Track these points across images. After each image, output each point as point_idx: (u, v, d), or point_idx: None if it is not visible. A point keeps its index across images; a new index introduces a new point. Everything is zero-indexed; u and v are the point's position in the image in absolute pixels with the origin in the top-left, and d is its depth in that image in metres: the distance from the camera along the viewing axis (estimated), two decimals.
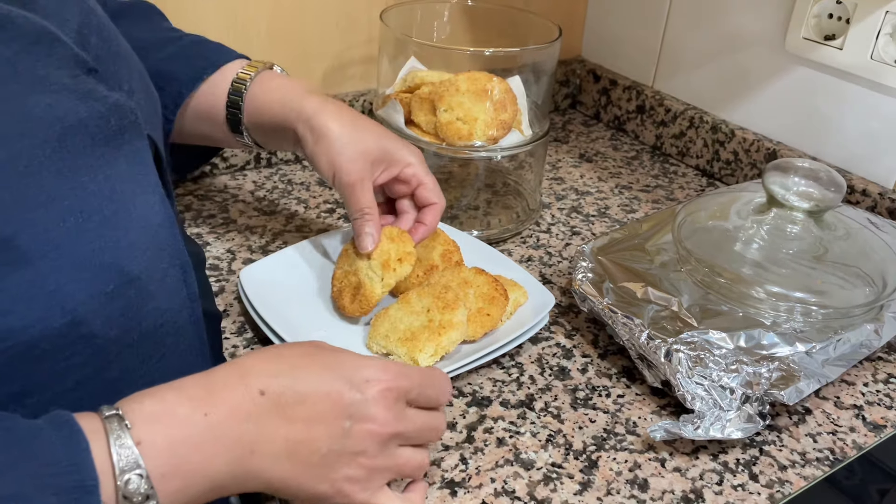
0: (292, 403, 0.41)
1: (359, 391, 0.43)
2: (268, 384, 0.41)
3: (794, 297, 0.63)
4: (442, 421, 0.49)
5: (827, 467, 0.57)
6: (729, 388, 0.57)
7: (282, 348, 0.45)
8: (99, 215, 0.39)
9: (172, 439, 0.38)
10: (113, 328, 0.40)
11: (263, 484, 0.42)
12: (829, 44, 0.84)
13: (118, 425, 0.37)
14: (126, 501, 0.35)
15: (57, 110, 0.38)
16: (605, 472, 0.55)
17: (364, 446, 0.44)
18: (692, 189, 0.97)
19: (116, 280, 0.40)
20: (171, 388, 0.40)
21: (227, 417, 0.40)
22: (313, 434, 0.42)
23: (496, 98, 0.77)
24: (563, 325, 0.70)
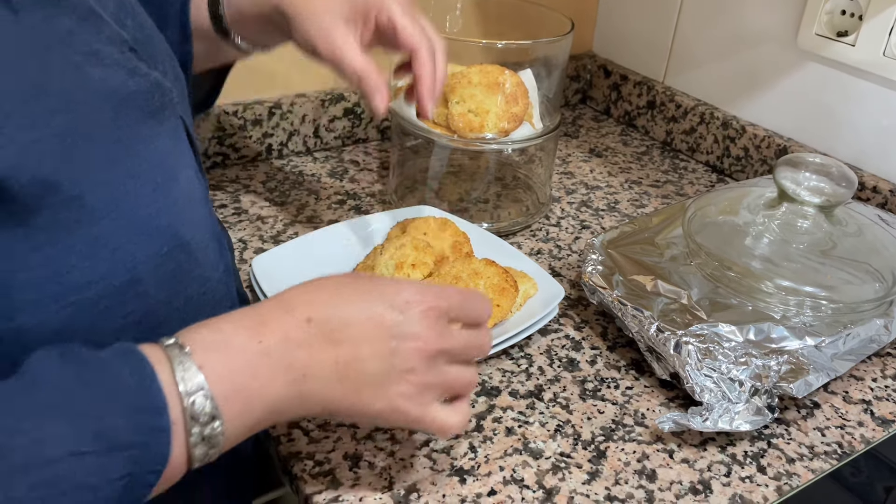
0: (338, 328, 0.43)
1: (400, 312, 0.44)
2: (313, 312, 0.43)
3: (804, 292, 0.63)
4: (486, 338, 0.49)
5: (835, 461, 0.58)
6: (738, 380, 0.57)
7: (320, 281, 0.46)
8: (152, 182, 0.41)
9: (231, 365, 0.39)
10: (164, 290, 0.42)
11: (319, 407, 0.44)
12: (841, 40, 0.84)
13: (179, 352, 0.38)
14: (193, 422, 0.37)
15: (111, 82, 0.39)
16: (613, 463, 0.56)
17: (412, 364, 0.45)
18: (702, 185, 0.97)
19: (170, 243, 0.42)
20: (225, 319, 0.42)
21: (279, 345, 0.41)
22: (361, 355, 0.43)
23: (508, 91, 0.77)
24: (573, 318, 0.71)
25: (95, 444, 0.34)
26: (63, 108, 0.36)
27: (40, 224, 0.36)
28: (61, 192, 0.36)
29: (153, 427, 0.36)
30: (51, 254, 0.36)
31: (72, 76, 0.37)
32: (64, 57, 0.37)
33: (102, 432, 0.34)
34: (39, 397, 0.34)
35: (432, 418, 0.46)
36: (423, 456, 0.55)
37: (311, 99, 0.93)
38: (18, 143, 0.34)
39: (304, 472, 0.53)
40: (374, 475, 0.53)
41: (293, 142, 0.94)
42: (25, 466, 0.32)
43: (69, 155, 0.36)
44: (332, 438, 0.56)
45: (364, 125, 0.98)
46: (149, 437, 0.36)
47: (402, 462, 0.54)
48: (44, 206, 0.35)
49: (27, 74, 0.35)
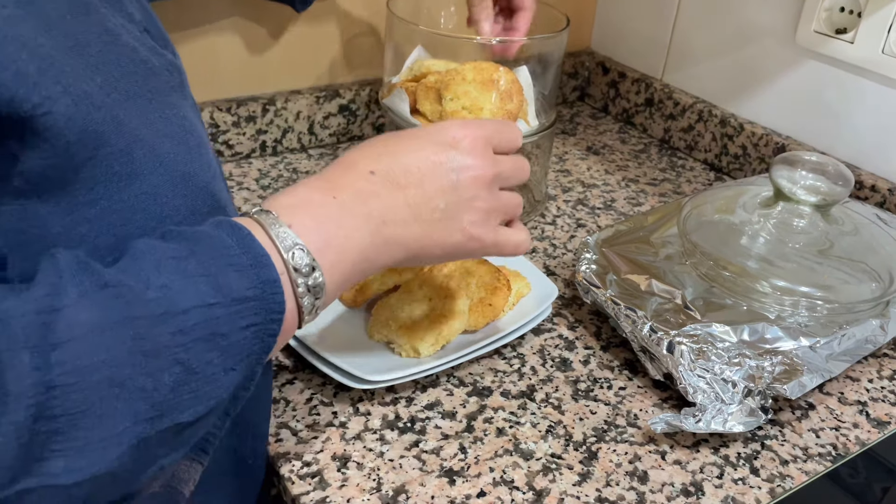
0: (401, 174, 0.46)
1: (451, 147, 0.48)
2: (374, 165, 0.46)
3: (800, 292, 0.62)
4: (524, 160, 0.53)
5: (829, 463, 0.57)
6: (731, 381, 0.56)
7: (369, 141, 0.49)
8: (186, 144, 0.42)
9: (316, 219, 0.42)
10: None
11: (402, 249, 0.47)
12: (840, 37, 0.83)
13: (268, 216, 0.41)
14: (297, 273, 0.40)
15: (140, 54, 0.40)
16: (604, 464, 0.55)
17: (474, 191, 0.48)
18: (700, 183, 0.96)
19: (209, 203, 0.43)
20: (296, 185, 0.45)
21: (354, 198, 0.44)
22: (428, 193, 0.47)
23: (502, 88, 0.76)
24: (566, 317, 0.70)
25: (218, 296, 0.36)
26: (103, 66, 0.37)
27: (97, 177, 0.37)
28: (111, 144, 0.37)
29: (264, 280, 0.38)
30: (107, 207, 0.38)
31: (107, 39, 0.38)
32: (99, 22, 0.38)
33: (221, 288, 0.36)
34: (157, 265, 0.36)
35: (506, 239, 0.51)
36: (413, 457, 0.54)
37: (306, 95, 0.92)
38: (73, 94, 0.35)
39: (292, 474, 0.52)
40: (363, 476, 0.52)
41: (288, 139, 0.94)
42: (164, 315, 0.34)
43: (113, 110, 0.37)
44: (321, 439, 0.55)
45: (359, 122, 0.98)
46: (263, 289, 0.38)
47: (390, 463, 0.54)
48: (97, 158, 0.36)
49: (72, 31, 0.36)
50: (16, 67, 0.32)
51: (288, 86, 0.93)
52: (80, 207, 0.37)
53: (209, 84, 0.87)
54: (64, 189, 0.36)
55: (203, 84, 0.87)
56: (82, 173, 0.36)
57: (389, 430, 0.56)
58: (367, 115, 0.98)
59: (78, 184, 0.36)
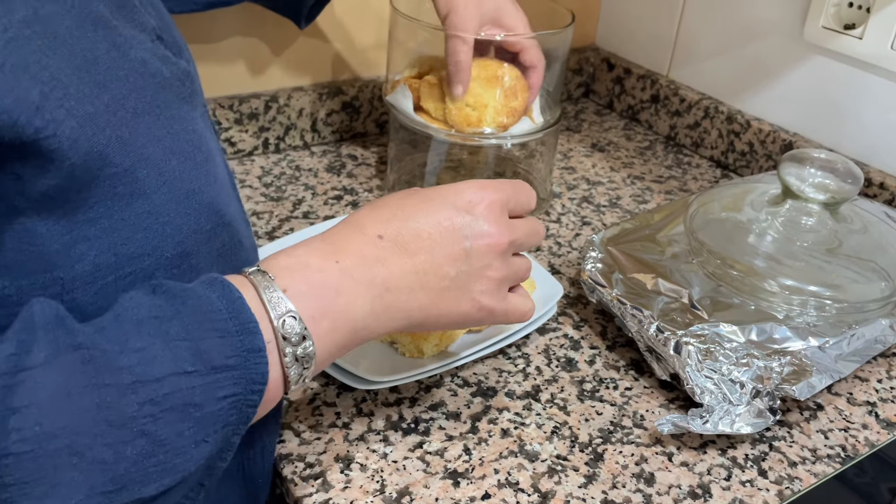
0: (411, 239, 0.44)
1: (467, 212, 0.46)
2: (383, 228, 0.44)
3: (808, 291, 0.61)
4: (540, 225, 0.52)
5: (838, 464, 0.56)
6: (739, 382, 0.56)
7: (382, 199, 0.47)
8: (193, 161, 0.41)
9: (314, 284, 0.41)
10: (213, 265, 0.43)
11: (404, 318, 0.45)
12: (848, 33, 0.82)
13: (263, 277, 0.40)
14: (286, 342, 0.39)
15: (149, 66, 0.40)
16: (610, 466, 0.54)
17: (488, 260, 0.46)
18: (706, 180, 0.95)
19: (214, 220, 0.42)
20: (298, 246, 0.43)
21: (357, 262, 0.42)
22: (438, 260, 0.45)
23: (507, 85, 0.76)
24: (572, 316, 0.69)
25: (197, 364, 0.35)
26: (109, 86, 0.37)
27: (98, 196, 0.36)
28: (115, 164, 0.36)
29: (249, 348, 0.37)
30: (107, 226, 0.37)
31: (115, 55, 0.37)
32: (107, 37, 0.37)
33: (201, 354, 0.35)
34: (137, 325, 0.35)
35: (514, 308, 0.49)
36: (416, 458, 0.54)
37: (309, 92, 0.92)
38: (77, 117, 0.34)
39: (295, 475, 0.52)
40: (366, 478, 0.52)
41: (290, 136, 0.93)
42: (134, 385, 0.33)
43: (119, 129, 0.37)
44: (324, 440, 0.55)
45: (362, 119, 0.97)
46: (246, 358, 0.36)
47: (394, 464, 0.53)
48: (100, 178, 0.36)
49: (77, 51, 0.35)
50: (17, 93, 0.31)
51: (290, 83, 0.92)
52: (79, 226, 0.36)
53: (211, 81, 0.87)
54: (64, 208, 0.35)
55: (205, 81, 0.85)
56: (84, 193, 0.36)
57: (393, 431, 0.56)
58: (371, 111, 0.97)
59: (79, 203, 0.36)
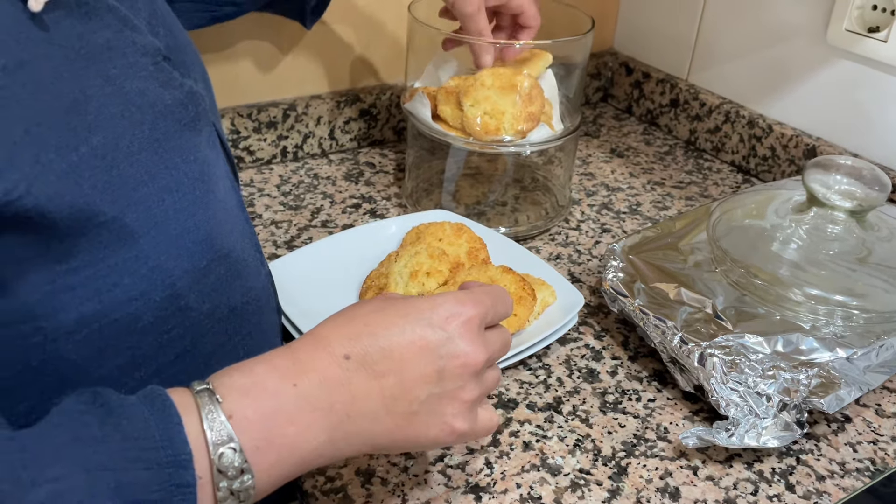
0: (379, 360, 0.41)
1: (442, 330, 0.42)
2: (350, 347, 0.40)
3: (834, 301, 0.60)
4: (508, 334, 0.49)
5: (867, 478, 0.55)
6: (765, 394, 0.55)
7: (353, 309, 0.43)
8: (192, 195, 0.41)
9: (264, 412, 0.37)
10: (206, 302, 0.42)
11: (366, 445, 0.41)
12: (873, 36, 0.81)
13: (209, 399, 0.36)
14: (221, 476, 0.35)
15: (148, 96, 0.39)
16: (634, 480, 0.54)
17: (462, 382, 0.43)
18: (727, 186, 0.94)
19: (209, 256, 0.42)
20: (258, 361, 0.40)
21: (318, 386, 0.39)
22: (408, 384, 0.41)
23: (524, 92, 0.75)
24: (593, 326, 0.69)
25: (116, 499, 0.32)
26: (101, 126, 0.36)
27: (83, 246, 0.35)
28: (101, 214, 0.35)
29: (178, 483, 0.34)
30: (91, 274, 0.36)
31: (108, 91, 0.37)
32: (100, 72, 0.37)
33: (123, 487, 0.32)
34: (59, 449, 0.32)
35: (482, 426, 0.45)
36: (438, 472, 0.53)
37: (327, 100, 0.92)
38: (57, 171, 0.33)
39: (316, 489, 0.51)
40: (387, 492, 0.51)
41: (308, 144, 0.93)
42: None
43: (107, 175, 0.36)
44: None
45: (380, 126, 0.97)
46: (173, 493, 0.33)
47: (415, 478, 0.53)
48: (84, 230, 0.35)
49: (65, 94, 0.34)
50: None
51: (308, 91, 0.92)
52: (62, 276, 0.35)
53: (230, 90, 0.87)
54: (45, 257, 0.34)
55: (223, 90, 0.86)
56: (68, 243, 0.34)
57: None
58: (388, 119, 0.97)
59: (61, 253, 0.35)
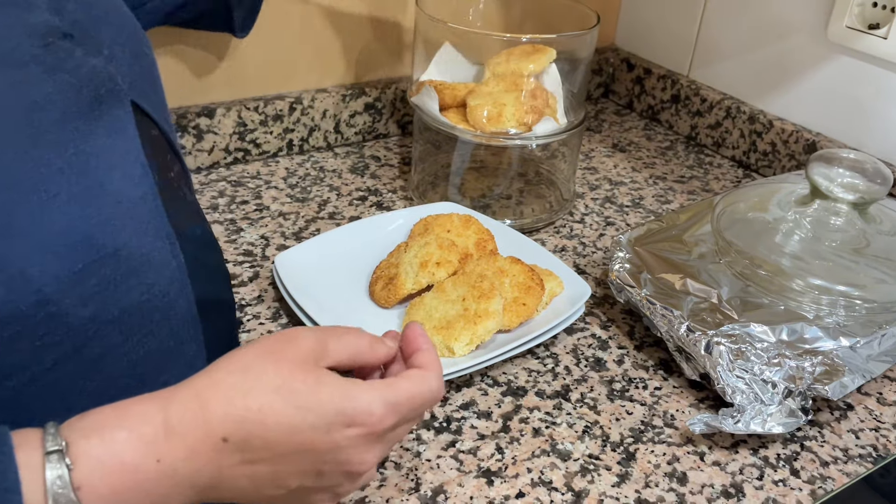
0: (258, 449, 0.38)
1: (336, 437, 0.39)
2: (233, 431, 0.37)
3: (837, 291, 0.61)
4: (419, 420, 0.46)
5: (870, 464, 0.56)
6: (771, 381, 0.56)
7: (256, 373, 0.39)
8: (66, 193, 0.37)
9: (116, 488, 0.35)
10: (88, 305, 0.39)
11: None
12: (873, 33, 0.82)
13: (58, 464, 0.34)
14: None
15: (22, 88, 0.37)
16: (643, 465, 0.55)
17: (339, 481, 0.41)
18: (728, 180, 0.95)
19: (87, 258, 0.38)
20: (123, 424, 0.36)
21: (183, 462, 0.36)
22: (281, 474, 0.39)
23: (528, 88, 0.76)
24: (599, 316, 0.70)
25: None
26: None
27: None
28: None
29: None
30: None
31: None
32: None
33: None
34: None
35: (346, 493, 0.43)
36: (450, 457, 0.54)
37: (332, 94, 0.92)
38: None
39: None
40: (401, 476, 0.52)
41: (314, 137, 0.94)
42: None
43: None
44: None
45: (385, 120, 0.98)
46: None
47: (428, 463, 0.53)
48: None
49: None
50: None
51: (314, 84, 0.92)
52: None
53: (236, 83, 0.87)
54: None
55: (230, 83, 0.87)
56: None
57: (426, 430, 0.56)
58: (393, 113, 0.98)
59: None
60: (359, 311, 0.65)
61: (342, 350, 0.43)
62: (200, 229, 0.52)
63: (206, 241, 0.53)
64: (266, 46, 0.87)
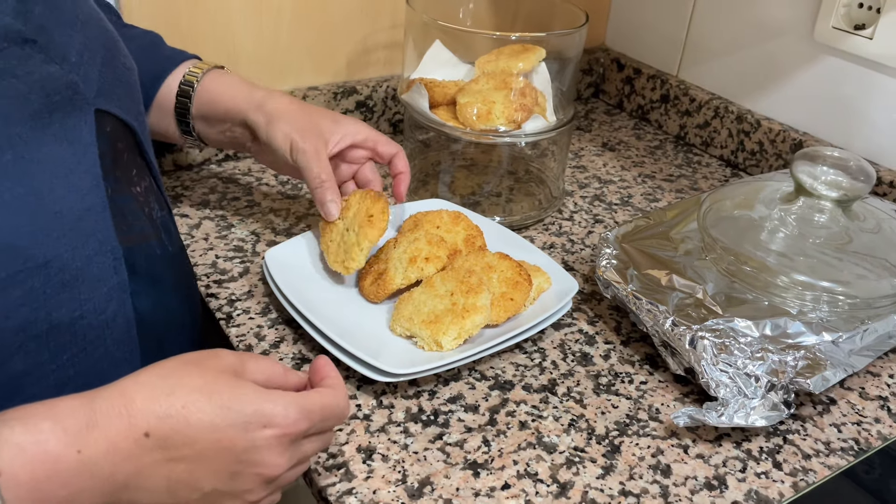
0: (179, 445, 0.39)
1: (253, 436, 0.41)
2: (155, 426, 0.38)
3: (821, 287, 0.62)
4: (332, 438, 0.49)
5: (851, 457, 0.57)
6: (754, 375, 0.56)
7: (180, 375, 0.41)
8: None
9: (36, 475, 0.36)
10: (11, 318, 0.38)
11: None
12: (858, 33, 0.83)
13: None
14: None
15: None
16: (627, 457, 0.55)
17: (251, 486, 0.42)
18: (716, 179, 0.96)
19: (11, 267, 0.37)
20: (49, 414, 0.37)
21: (104, 456, 0.37)
22: (197, 474, 0.40)
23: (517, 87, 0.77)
24: (586, 312, 0.70)
25: None
26: None
27: None
28: None
29: None
30: None
31: None
32: None
33: None
34: None
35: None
36: (437, 449, 0.55)
37: (324, 92, 0.93)
38: None
39: (318, 465, 0.53)
40: (388, 468, 0.53)
41: None
42: None
43: None
44: (346, 431, 0.55)
45: (376, 118, 0.98)
46: None
47: (415, 455, 0.54)
48: None
49: None
50: None
51: (305, 82, 0.93)
52: None
53: None
54: None
55: None
56: None
57: (413, 423, 0.57)
58: (384, 111, 0.98)
59: None
60: (348, 306, 0.66)
61: (258, 371, 0.45)
62: (161, 248, 0.51)
63: (166, 260, 0.52)
64: (258, 44, 0.88)
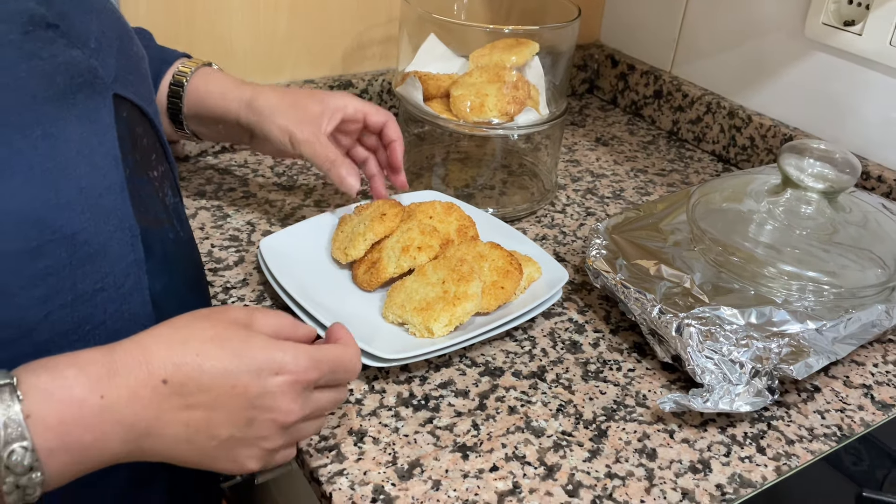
0: (195, 392, 0.41)
1: (266, 382, 0.43)
2: (172, 373, 0.40)
3: (806, 277, 0.63)
4: (345, 394, 0.50)
5: (834, 443, 0.58)
6: (739, 362, 0.58)
7: (192, 328, 0.43)
8: (25, 173, 0.39)
9: (63, 418, 0.37)
10: (38, 286, 0.40)
11: (159, 458, 0.42)
12: (848, 29, 0.84)
13: (10, 396, 0.36)
14: (8, 472, 0.36)
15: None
16: (614, 441, 0.56)
17: (267, 433, 0.44)
18: (708, 174, 0.97)
19: (40, 238, 0.39)
20: (72, 363, 0.39)
21: (125, 402, 0.39)
22: (214, 421, 0.42)
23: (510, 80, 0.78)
24: (576, 301, 0.71)
25: None
26: None
27: None
28: None
29: None
30: None
31: None
32: None
33: None
34: None
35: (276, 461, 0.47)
36: (427, 432, 0.56)
37: (320, 85, 0.94)
38: None
39: (310, 446, 0.54)
40: (379, 450, 0.54)
41: None
42: None
43: None
44: (338, 415, 0.56)
45: None
46: None
47: (405, 438, 0.55)
48: None
49: None
50: None
51: (301, 76, 0.94)
52: None
53: None
54: None
55: None
56: None
57: (404, 408, 0.58)
58: (380, 104, 0.99)
59: None
60: (341, 294, 0.67)
61: (267, 324, 0.46)
62: (173, 233, 0.52)
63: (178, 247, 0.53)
64: (254, 38, 0.89)
